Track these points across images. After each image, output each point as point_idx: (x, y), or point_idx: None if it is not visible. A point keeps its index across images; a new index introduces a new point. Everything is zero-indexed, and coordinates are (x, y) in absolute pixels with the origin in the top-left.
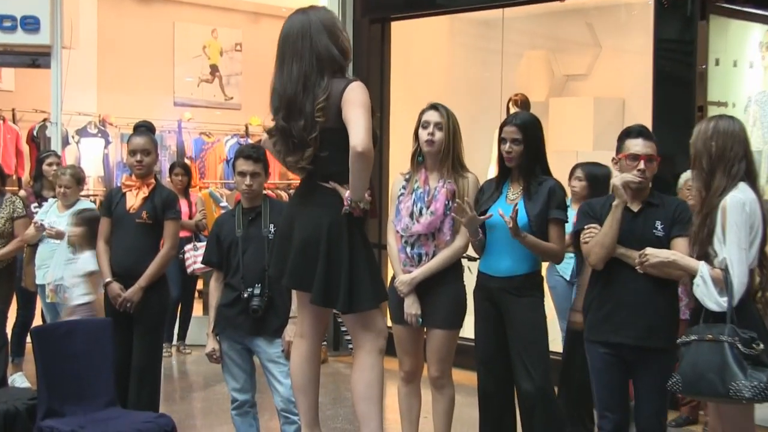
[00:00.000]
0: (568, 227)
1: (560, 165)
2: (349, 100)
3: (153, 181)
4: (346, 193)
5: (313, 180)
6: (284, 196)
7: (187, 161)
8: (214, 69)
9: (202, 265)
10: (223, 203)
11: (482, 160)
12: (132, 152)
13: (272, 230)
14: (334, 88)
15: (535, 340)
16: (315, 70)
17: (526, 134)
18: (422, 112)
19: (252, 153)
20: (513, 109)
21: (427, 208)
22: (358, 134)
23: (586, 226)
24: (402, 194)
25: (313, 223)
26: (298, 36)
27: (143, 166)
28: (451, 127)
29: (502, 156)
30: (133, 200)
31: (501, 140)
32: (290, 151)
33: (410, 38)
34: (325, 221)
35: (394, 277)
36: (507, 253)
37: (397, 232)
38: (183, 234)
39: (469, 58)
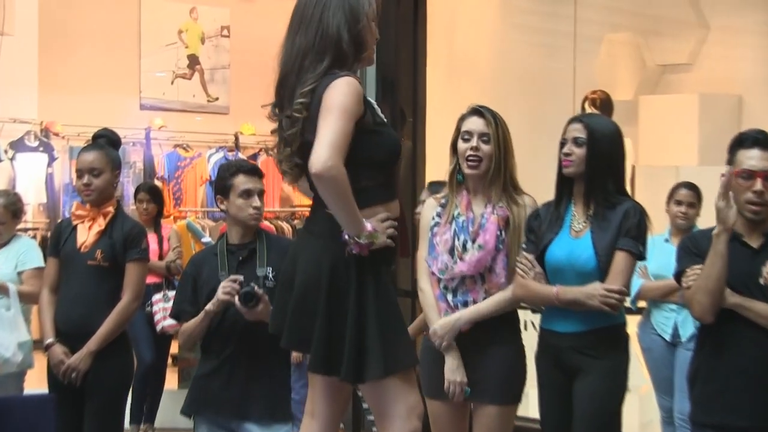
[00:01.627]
0: (660, 270)
1: (654, 184)
2: (324, 102)
3: (111, 209)
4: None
5: (318, 201)
6: (286, 229)
7: (157, 183)
8: (193, 61)
9: (175, 321)
10: (206, 238)
11: (545, 180)
12: (78, 172)
13: (271, 275)
14: (324, 82)
15: (603, 423)
16: (315, 49)
17: (593, 135)
18: (462, 119)
19: (253, 167)
20: (590, 110)
21: (473, 240)
22: (316, 150)
23: (688, 267)
24: (437, 224)
25: (313, 260)
26: (310, 2)
27: (92, 190)
28: (500, 137)
29: (559, 170)
30: (85, 236)
31: (562, 142)
32: (279, 146)
33: (451, 17)
34: (327, 260)
35: (427, 337)
36: None
37: (433, 274)
38: (151, 279)
39: (528, 42)
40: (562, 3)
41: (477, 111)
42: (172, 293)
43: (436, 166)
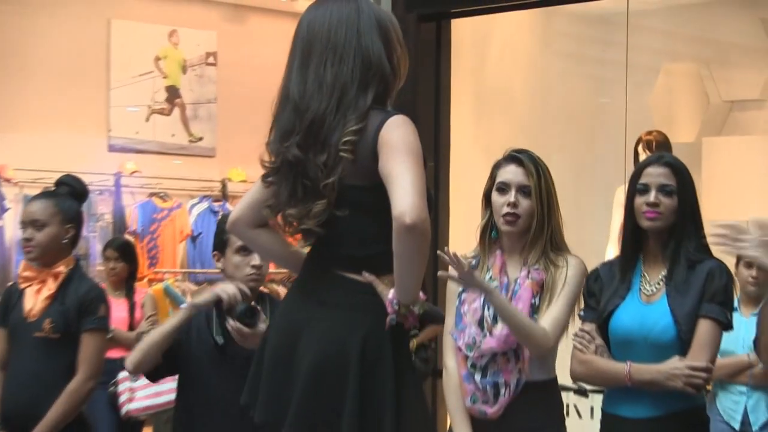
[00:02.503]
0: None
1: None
2: (389, 143)
3: (63, 269)
4: (390, 293)
5: (328, 262)
6: (282, 293)
7: (129, 238)
8: (173, 93)
9: (145, 404)
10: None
11: (593, 236)
12: (22, 225)
13: None
14: (371, 120)
15: None
16: (358, 81)
17: (684, 182)
18: (497, 167)
19: None
20: (644, 155)
21: None
22: (406, 197)
23: None
24: (465, 291)
25: (334, 338)
26: (338, 26)
27: (33, 246)
28: (543, 190)
29: (633, 222)
30: (33, 302)
31: (641, 189)
32: (296, 199)
33: (481, 43)
34: (356, 336)
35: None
36: None
37: (460, 350)
38: (118, 353)
39: (573, 74)
40: (612, 28)
41: (515, 158)
42: None
43: (462, 219)
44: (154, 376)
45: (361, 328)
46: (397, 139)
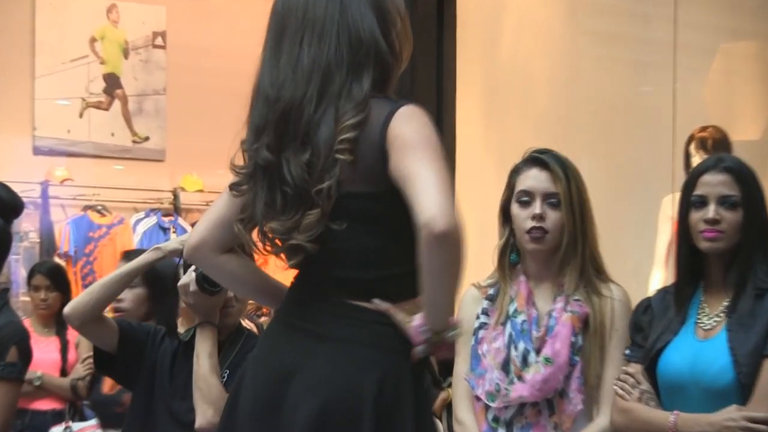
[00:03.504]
0: None
1: None
2: (402, 139)
3: None
4: (416, 319)
5: (324, 286)
6: (254, 328)
7: (59, 262)
8: (112, 83)
9: None
10: None
11: (633, 257)
12: None
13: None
14: (372, 113)
15: None
16: (347, 64)
17: (749, 192)
18: (516, 171)
19: None
20: (698, 156)
21: (538, 351)
22: (432, 201)
23: None
24: (483, 326)
25: (340, 379)
26: None
27: None
28: (575, 197)
29: (688, 243)
30: None
31: (696, 203)
32: (274, 210)
33: (492, 21)
34: (370, 377)
35: None
36: None
37: (478, 398)
38: (48, 405)
39: (606, 56)
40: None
41: (538, 160)
42: (78, 426)
43: (473, 238)
44: (102, 364)
45: (375, 366)
46: (411, 134)
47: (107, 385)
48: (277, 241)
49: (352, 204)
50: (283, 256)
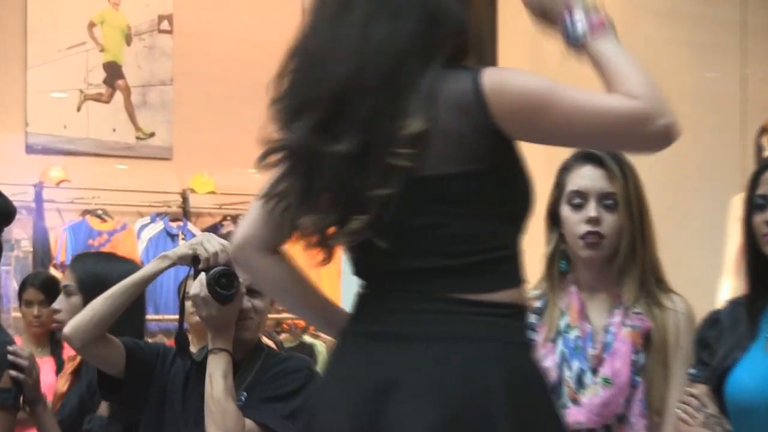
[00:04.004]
0: None
1: None
2: (522, 94)
3: None
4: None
5: (405, 282)
6: (273, 345)
7: (55, 273)
8: (113, 73)
9: None
10: None
11: (697, 264)
12: None
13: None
14: (445, 90)
15: None
16: (421, 45)
17: None
18: (566, 169)
19: None
20: None
21: (594, 371)
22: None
23: None
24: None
25: (458, 382)
26: None
27: None
28: (633, 197)
29: (753, 248)
30: None
31: (760, 204)
32: (310, 203)
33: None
34: (495, 375)
35: None
36: None
37: None
38: None
39: (667, 38)
40: None
41: (592, 157)
42: None
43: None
44: (107, 390)
45: (499, 363)
46: (528, 84)
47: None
48: (314, 238)
49: (437, 186)
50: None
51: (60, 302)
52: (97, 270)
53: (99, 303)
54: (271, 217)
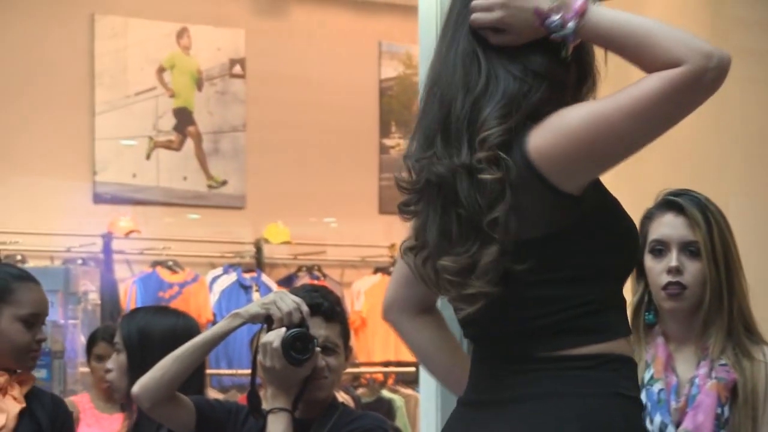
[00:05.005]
0: None
1: None
2: (560, 132)
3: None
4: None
5: (505, 345)
6: (345, 400)
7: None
8: (183, 118)
9: None
10: None
11: None
12: None
13: None
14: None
15: None
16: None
17: None
18: (649, 217)
19: (321, 299)
20: None
21: (677, 425)
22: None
23: None
24: None
25: None
26: None
27: None
28: (718, 244)
29: None
30: (0, 420)
31: None
32: (450, 239)
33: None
34: (569, 427)
35: None
36: None
37: None
38: None
39: (760, 80)
40: None
41: (673, 204)
42: None
43: None
44: None
45: (572, 414)
46: (567, 128)
47: None
48: (450, 285)
49: (515, 251)
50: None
51: (111, 360)
52: (140, 326)
53: (169, 362)
54: (414, 273)
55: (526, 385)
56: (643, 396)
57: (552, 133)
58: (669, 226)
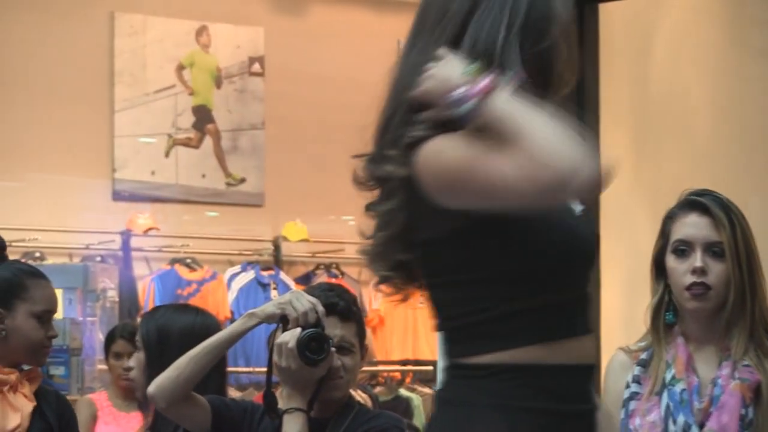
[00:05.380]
0: None
1: None
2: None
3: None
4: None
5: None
6: (363, 399)
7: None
8: (202, 116)
9: None
10: None
11: None
12: None
13: None
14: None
15: None
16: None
17: None
18: (672, 217)
19: (337, 299)
20: None
21: (701, 426)
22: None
23: None
24: (634, 396)
25: None
26: None
27: None
28: (741, 245)
29: None
30: (14, 419)
31: None
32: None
33: (642, 36)
34: None
35: None
36: None
37: None
38: None
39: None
40: None
41: (697, 204)
42: None
43: (620, 294)
44: None
45: (438, 426)
46: (445, 162)
47: None
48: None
49: (422, 250)
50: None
51: (132, 359)
52: (160, 324)
53: (184, 362)
54: None
55: (441, 389)
56: (664, 396)
57: (431, 156)
58: (693, 226)
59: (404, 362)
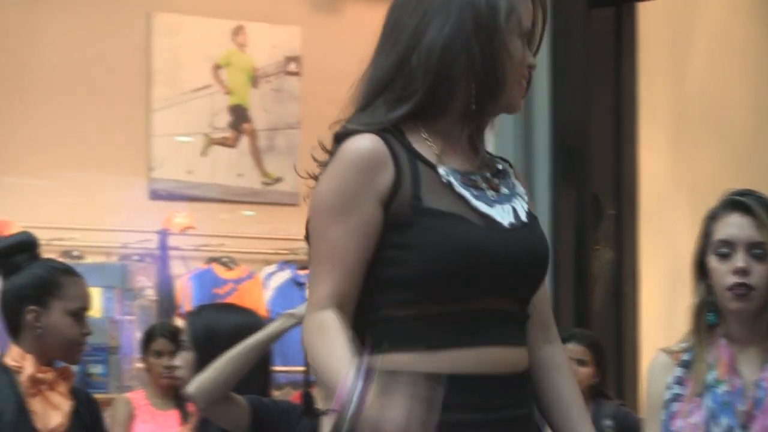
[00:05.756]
0: None
1: None
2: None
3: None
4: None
5: None
6: None
7: (181, 323)
8: (239, 116)
9: None
10: None
11: None
12: None
13: None
14: None
15: None
16: (394, 82)
17: None
18: (713, 217)
19: None
20: None
21: (744, 427)
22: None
23: None
24: (676, 398)
25: None
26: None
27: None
28: None
29: None
30: (56, 417)
31: None
32: None
33: (681, 36)
34: None
35: None
36: None
37: None
38: None
39: None
40: None
41: (739, 204)
42: None
43: (660, 294)
44: None
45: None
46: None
47: None
48: None
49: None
50: None
51: (179, 358)
52: (208, 323)
53: (223, 363)
54: None
55: None
56: (706, 398)
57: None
58: (735, 227)
59: None
